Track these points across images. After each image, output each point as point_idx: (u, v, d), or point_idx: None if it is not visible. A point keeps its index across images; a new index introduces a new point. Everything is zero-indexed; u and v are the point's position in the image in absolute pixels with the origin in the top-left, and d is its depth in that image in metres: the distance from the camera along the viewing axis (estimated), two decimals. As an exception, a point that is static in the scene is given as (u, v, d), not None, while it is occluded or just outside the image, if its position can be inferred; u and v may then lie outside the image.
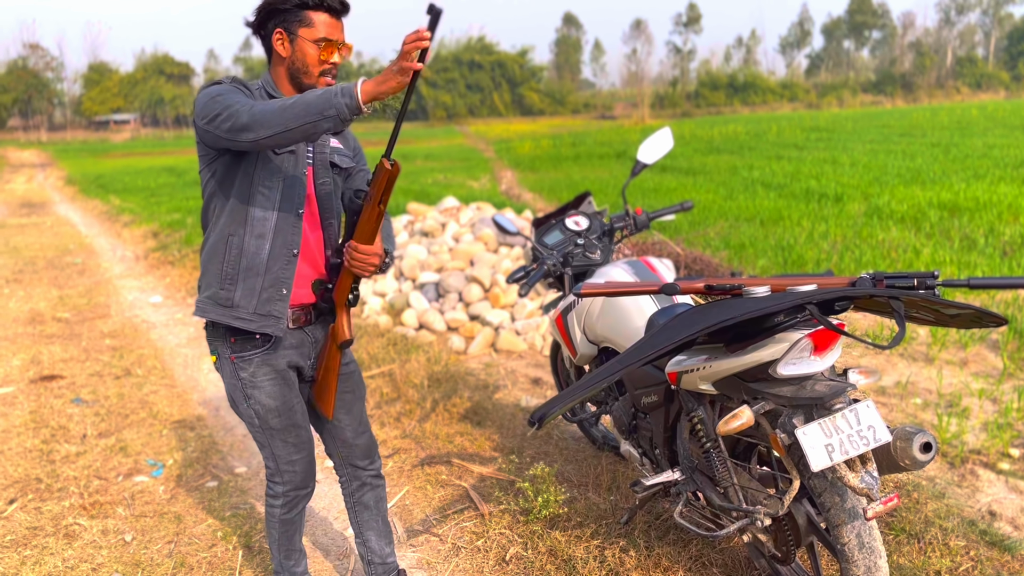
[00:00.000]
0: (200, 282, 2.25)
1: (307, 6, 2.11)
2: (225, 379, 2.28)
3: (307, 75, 2.14)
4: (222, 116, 1.97)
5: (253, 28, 2.19)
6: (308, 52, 2.12)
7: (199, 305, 2.23)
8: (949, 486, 3.20)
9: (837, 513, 2.10)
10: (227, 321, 2.17)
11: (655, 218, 3.30)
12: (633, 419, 2.93)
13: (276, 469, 2.39)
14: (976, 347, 4.82)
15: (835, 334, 2.03)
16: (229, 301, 2.16)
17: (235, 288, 2.16)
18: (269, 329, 2.19)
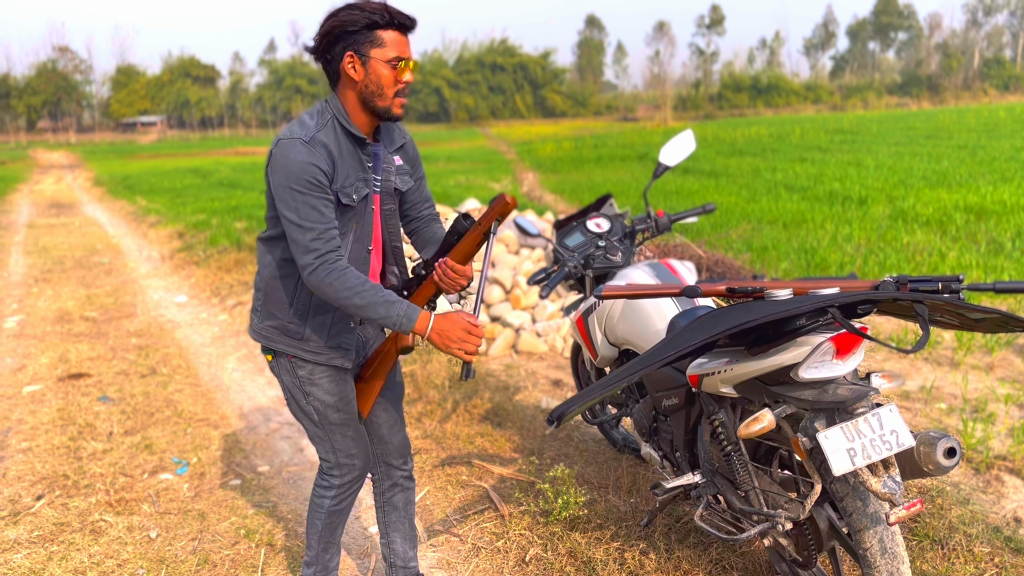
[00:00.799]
0: (259, 305, 2.25)
1: (377, 25, 2.03)
2: (282, 378, 2.30)
3: (382, 97, 2.09)
4: (294, 230, 2.01)
5: (316, 53, 2.11)
6: (382, 74, 2.06)
7: (261, 332, 2.24)
8: (974, 492, 3.17)
9: (859, 518, 2.09)
10: (295, 352, 2.22)
11: (677, 220, 3.30)
12: (654, 422, 2.93)
13: (335, 463, 2.39)
14: (1003, 352, 4.76)
15: (857, 338, 2.02)
16: (299, 335, 2.21)
17: (305, 324, 2.20)
18: (337, 362, 2.25)
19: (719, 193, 11.79)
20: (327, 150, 2.05)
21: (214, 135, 73.36)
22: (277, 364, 2.29)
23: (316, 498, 2.47)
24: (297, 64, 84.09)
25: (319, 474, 2.46)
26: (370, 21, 2.02)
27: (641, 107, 74.49)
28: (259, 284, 2.25)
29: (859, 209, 9.56)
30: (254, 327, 2.27)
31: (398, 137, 2.31)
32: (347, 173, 2.10)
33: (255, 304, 2.28)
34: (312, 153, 2.01)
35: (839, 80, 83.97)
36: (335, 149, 2.07)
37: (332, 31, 2.05)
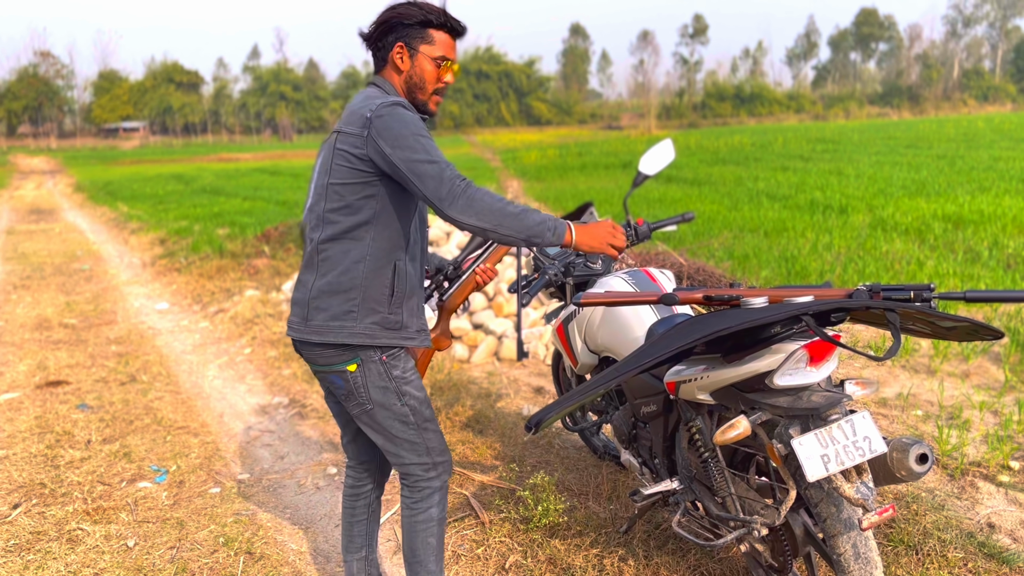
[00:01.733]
0: (355, 306, 2.14)
1: (430, 24, 2.18)
2: (370, 382, 2.20)
3: (422, 91, 2.21)
4: (428, 167, 2.00)
5: (369, 39, 2.23)
6: (427, 69, 2.19)
7: (365, 332, 2.15)
8: (949, 498, 3.21)
9: (833, 523, 2.12)
10: (398, 343, 2.19)
11: (656, 228, 3.31)
12: (633, 428, 2.95)
13: (432, 463, 2.32)
14: (978, 359, 4.82)
15: (831, 345, 2.04)
16: (398, 324, 2.19)
17: (402, 310, 2.19)
18: (427, 342, 2.28)
19: (701, 202, 11.86)
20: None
21: (197, 141, 73.04)
22: (364, 372, 2.19)
23: (420, 515, 2.34)
24: (281, 70, 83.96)
25: (412, 490, 2.34)
26: (424, 19, 2.17)
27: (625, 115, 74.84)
28: (349, 284, 2.14)
29: (839, 218, 9.65)
30: (352, 331, 2.14)
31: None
32: None
33: (346, 308, 2.14)
34: (414, 112, 2.12)
35: (821, 90, 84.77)
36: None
37: (388, 21, 2.18)
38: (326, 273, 2.15)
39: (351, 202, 2.11)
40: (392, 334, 2.18)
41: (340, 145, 2.10)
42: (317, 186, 2.18)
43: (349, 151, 2.08)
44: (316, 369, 2.25)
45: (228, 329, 6.43)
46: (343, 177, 2.10)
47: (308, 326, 2.17)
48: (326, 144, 2.19)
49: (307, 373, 5.16)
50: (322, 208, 2.14)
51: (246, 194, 17.29)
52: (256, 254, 8.99)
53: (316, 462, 3.89)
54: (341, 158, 2.10)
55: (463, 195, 1.99)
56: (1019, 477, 3.36)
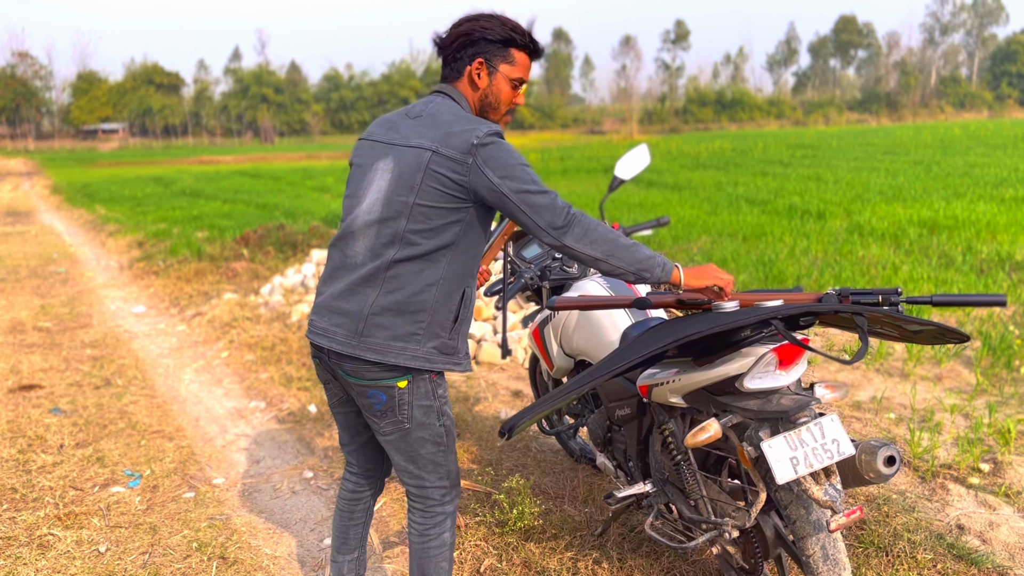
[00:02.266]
0: (422, 328, 2.06)
1: (514, 43, 2.12)
2: (416, 401, 2.12)
3: (495, 111, 2.17)
4: (540, 198, 1.97)
5: (446, 47, 2.15)
6: (504, 89, 2.14)
7: (426, 357, 2.08)
8: (919, 500, 3.24)
9: (802, 525, 2.14)
10: (450, 368, 2.15)
11: (632, 233, 3.34)
12: (608, 432, 2.97)
13: (450, 486, 2.26)
14: (951, 363, 4.88)
15: (800, 349, 2.06)
16: (453, 349, 2.13)
17: (459, 336, 2.15)
18: (470, 367, 2.23)
19: (681, 206, 11.93)
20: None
21: (177, 143, 72.54)
22: (413, 389, 2.11)
23: (434, 540, 2.27)
24: (263, 72, 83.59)
25: (425, 515, 2.27)
26: (508, 36, 2.11)
27: (608, 120, 75.12)
28: (420, 306, 2.05)
29: (817, 223, 9.74)
30: (414, 354, 2.06)
31: None
32: None
33: (412, 330, 2.05)
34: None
35: (801, 96, 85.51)
36: None
37: (471, 33, 2.10)
38: (393, 291, 2.03)
39: (437, 225, 2.02)
40: (447, 359, 2.13)
41: (436, 167, 1.99)
42: (393, 201, 2.03)
43: (447, 175, 1.98)
44: (355, 382, 2.12)
45: (205, 332, 6.39)
46: (434, 200, 2.00)
47: (363, 342, 2.04)
48: (404, 154, 2.05)
49: (284, 377, 5.14)
50: (402, 227, 2.01)
51: (226, 197, 17.20)
52: (235, 257, 8.94)
53: (292, 466, 3.87)
54: (435, 180, 1.99)
55: (579, 224, 1.97)
56: (988, 479, 3.40)
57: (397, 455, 2.20)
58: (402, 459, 2.20)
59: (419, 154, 2.01)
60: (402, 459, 2.20)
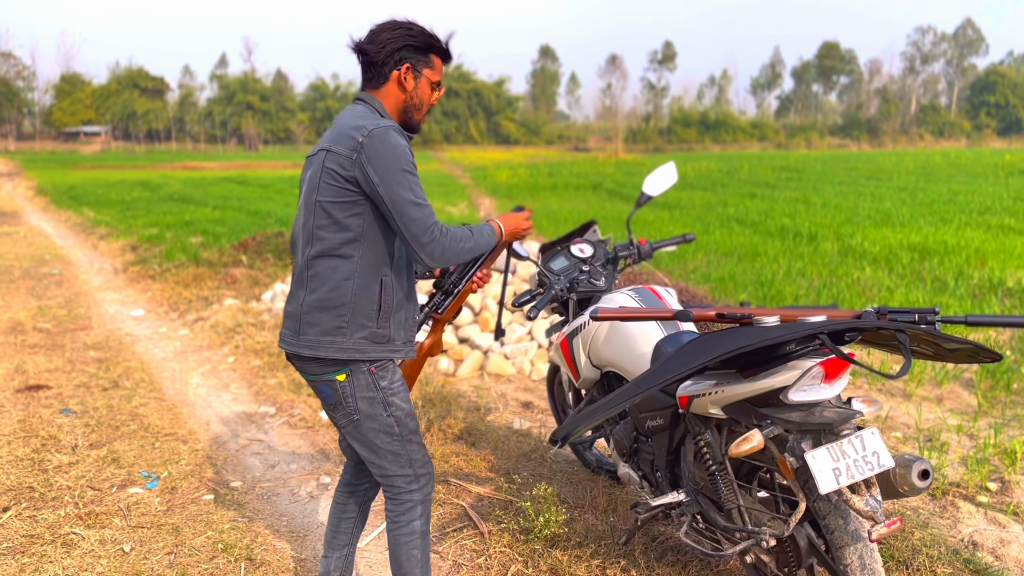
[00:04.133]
0: (346, 322, 2.20)
1: (434, 50, 2.31)
2: (358, 393, 2.26)
3: (418, 112, 2.33)
4: (414, 210, 2.12)
5: (368, 52, 2.26)
6: (426, 91, 2.31)
7: (354, 348, 2.21)
8: (932, 516, 3.32)
9: (840, 535, 2.20)
10: (386, 356, 2.26)
11: (658, 248, 3.41)
12: (634, 442, 3.02)
13: (414, 475, 2.38)
14: (951, 384, 4.99)
15: (844, 363, 2.14)
16: (386, 337, 2.24)
17: (389, 324, 2.25)
18: (412, 354, 2.35)
19: (674, 225, 12.06)
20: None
21: (161, 148, 72.07)
22: (353, 383, 2.25)
23: (403, 528, 2.39)
24: (249, 80, 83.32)
25: (395, 503, 2.39)
26: (430, 44, 2.29)
27: (592, 138, 75.56)
28: (339, 300, 2.20)
29: (809, 244, 9.89)
30: (342, 347, 2.20)
31: None
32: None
33: (337, 324, 2.21)
34: (405, 138, 2.21)
35: (784, 119, 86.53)
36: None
37: (397, 40, 2.25)
38: (315, 289, 2.21)
39: (339, 219, 2.18)
40: (381, 348, 2.24)
41: (328, 164, 2.17)
42: (307, 202, 2.24)
43: (337, 171, 2.15)
44: (306, 378, 2.33)
45: (209, 337, 6.38)
46: (331, 196, 2.17)
47: (300, 340, 2.24)
48: (313, 160, 2.24)
49: (293, 383, 5.15)
50: (311, 224, 2.21)
51: (215, 203, 17.13)
52: (233, 263, 8.93)
53: (308, 472, 3.89)
54: (329, 177, 2.17)
55: (438, 244, 2.14)
56: (997, 498, 3.49)
57: (357, 445, 2.35)
58: (362, 449, 2.35)
59: (320, 155, 2.22)
60: (362, 449, 2.35)
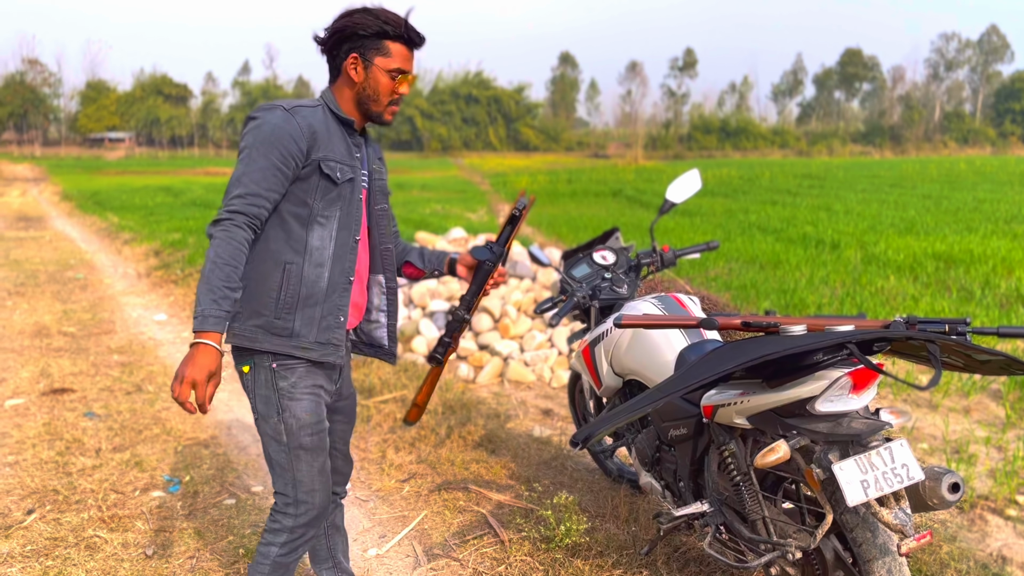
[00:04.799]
0: (241, 305, 2.12)
1: (387, 35, 2.12)
2: (258, 390, 2.15)
3: (376, 103, 2.17)
4: (235, 180, 2.03)
5: (323, 45, 2.18)
6: (381, 81, 2.14)
7: (245, 334, 2.10)
8: (960, 530, 3.27)
9: (868, 548, 2.16)
10: (287, 351, 2.11)
11: (681, 256, 3.39)
12: (657, 451, 2.99)
13: (293, 498, 2.22)
14: (978, 395, 4.92)
15: (873, 373, 2.10)
16: (287, 331, 2.11)
17: (293, 317, 2.11)
18: (330, 357, 2.18)
19: (695, 232, 12.00)
20: (309, 122, 2.08)
21: (183, 154, 72.80)
22: (255, 376, 2.15)
23: (262, 546, 2.28)
24: (271, 87, 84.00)
25: (270, 517, 2.28)
26: (381, 30, 2.11)
27: (612, 144, 75.48)
28: (242, 282, 2.09)
29: (832, 252, 9.80)
30: (234, 331, 2.11)
31: (378, 149, 2.39)
32: (333, 149, 2.13)
33: (237, 308, 2.10)
34: (289, 120, 2.05)
35: (805, 126, 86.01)
36: (320, 125, 2.11)
37: (343, 30, 2.13)
38: None
39: None
40: (280, 341, 2.11)
41: None
42: None
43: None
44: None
45: (230, 342, 6.41)
46: None
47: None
48: None
49: (314, 388, 5.16)
50: None
51: (238, 208, 17.22)
52: (254, 268, 8.97)
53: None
54: None
55: (213, 227, 1.99)
56: (1026, 511, 3.43)
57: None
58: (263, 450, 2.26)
59: None
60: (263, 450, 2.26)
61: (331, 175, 2.10)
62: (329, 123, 2.14)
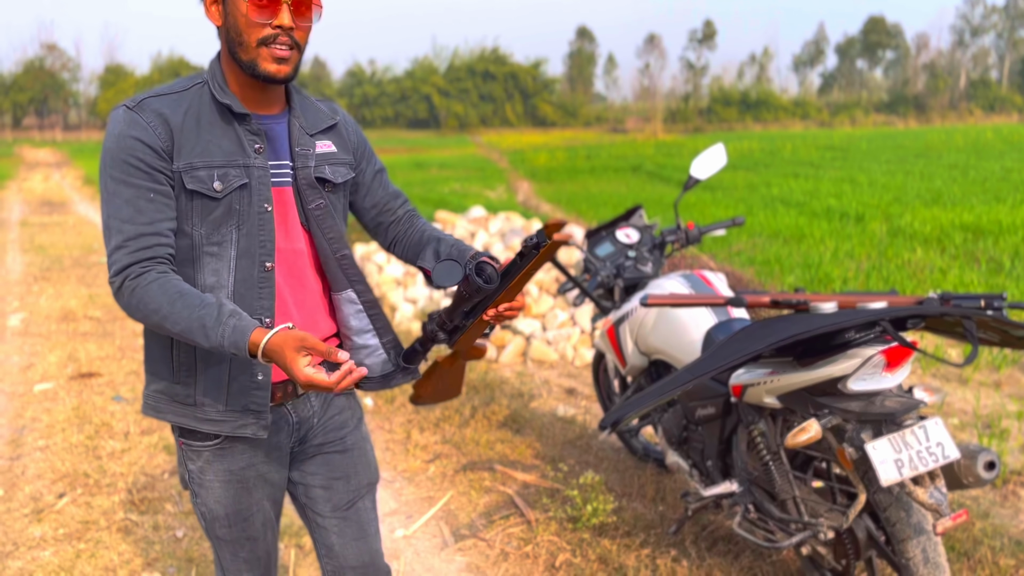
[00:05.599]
0: (145, 366, 1.71)
1: None
2: (179, 466, 1.78)
3: (242, 47, 1.55)
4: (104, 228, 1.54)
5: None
6: (241, 13, 1.53)
7: (147, 402, 1.69)
8: (992, 506, 3.23)
9: (903, 528, 2.14)
10: (192, 425, 1.65)
11: (706, 232, 3.35)
12: (684, 431, 2.97)
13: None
14: (1010, 369, 4.84)
15: (907, 351, 2.07)
16: (190, 399, 1.64)
17: (194, 381, 1.63)
18: (248, 431, 1.65)
19: (716, 207, 11.88)
20: (162, 118, 1.54)
21: (203, 136, 73.02)
22: (179, 450, 1.75)
23: None
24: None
25: None
26: None
27: (630, 119, 74.87)
28: (145, 338, 1.70)
29: (857, 225, 9.67)
30: (143, 395, 1.71)
31: (325, 117, 1.75)
32: (204, 150, 1.56)
33: (144, 364, 1.72)
34: (133, 123, 1.52)
35: (827, 97, 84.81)
36: (182, 117, 1.56)
37: None
38: None
39: None
40: (183, 410, 1.65)
41: None
42: None
43: None
44: None
45: (254, 324, 6.44)
46: None
47: None
48: None
49: (338, 369, 5.18)
50: None
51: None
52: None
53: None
54: None
55: (119, 297, 1.53)
56: (1061, 486, 3.38)
57: None
58: None
59: None
60: None
61: (201, 190, 1.55)
62: (204, 110, 1.58)
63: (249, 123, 1.61)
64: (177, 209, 1.56)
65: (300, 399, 1.75)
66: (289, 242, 1.68)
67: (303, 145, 1.68)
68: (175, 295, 1.48)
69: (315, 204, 1.69)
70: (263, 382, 1.64)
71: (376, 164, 1.87)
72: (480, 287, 1.55)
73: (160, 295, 1.48)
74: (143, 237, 1.51)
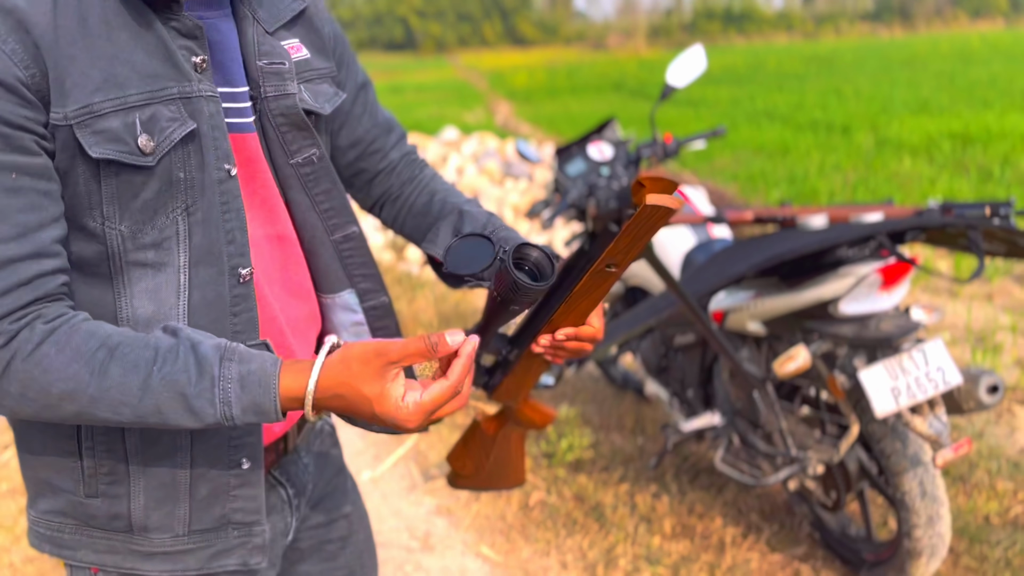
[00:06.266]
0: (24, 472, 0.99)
1: None
2: None
3: None
4: None
5: None
6: None
7: (36, 529, 1.00)
8: (987, 425, 3.08)
9: (898, 460, 1.96)
10: (127, 566, 0.98)
11: (684, 144, 3.08)
12: (663, 359, 2.78)
13: None
14: (1001, 280, 4.67)
15: (905, 268, 1.86)
16: (120, 520, 0.96)
17: (126, 489, 0.95)
18: (233, 560, 1.00)
19: (699, 123, 11.55)
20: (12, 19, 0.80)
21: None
22: None
23: None
24: None
25: None
26: None
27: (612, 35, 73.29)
28: (12, 421, 0.97)
29: (843, 137, 9.40)
30: (29, 519, 1.01)
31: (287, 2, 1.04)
32: (108, 76, 0.84)
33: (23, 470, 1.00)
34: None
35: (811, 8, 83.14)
36: (50, 16, 0.82)
37: None
38: None
39: None
40: (105, 542, 0.97)
41: None
42: None
43: None
44: None
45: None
46: None
47: None
48: None
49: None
50: None
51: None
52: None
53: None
54: None
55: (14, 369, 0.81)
56: (1057, 402, 3.24)
57: None
58: None
59: None
60: None
61: (114, 156, 0.84)
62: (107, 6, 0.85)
63: (179, 17, 0.89)
64: (70, 196, 0.86)
65: (289, 457, 1.12)
66: (269, 225, 1.01)
67: (269, 55, 0.98)
68: (100, 354, 0.82)
69: (304, 156, 1.02)
70: (249, 471, 0.98)
71: (359, 75, 1.16)
72: (521, 286, 0.85)
73: (71, 362, 0.81)
74: (13, 265, 0.80)
